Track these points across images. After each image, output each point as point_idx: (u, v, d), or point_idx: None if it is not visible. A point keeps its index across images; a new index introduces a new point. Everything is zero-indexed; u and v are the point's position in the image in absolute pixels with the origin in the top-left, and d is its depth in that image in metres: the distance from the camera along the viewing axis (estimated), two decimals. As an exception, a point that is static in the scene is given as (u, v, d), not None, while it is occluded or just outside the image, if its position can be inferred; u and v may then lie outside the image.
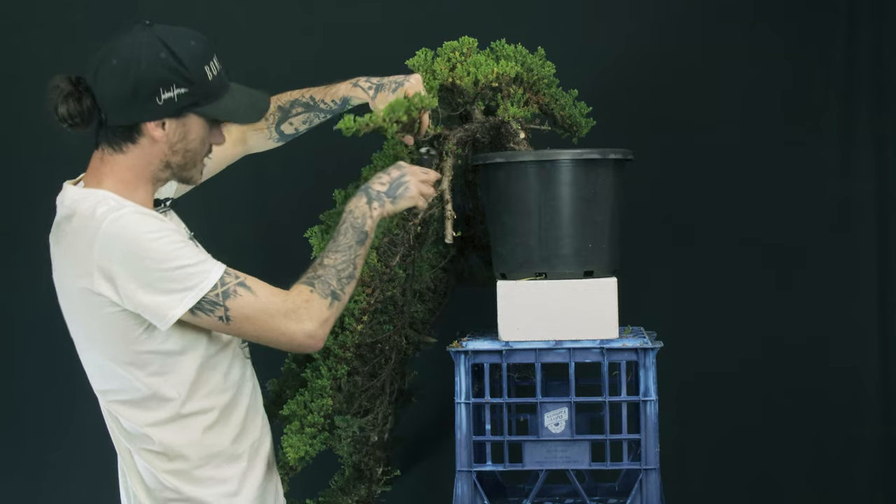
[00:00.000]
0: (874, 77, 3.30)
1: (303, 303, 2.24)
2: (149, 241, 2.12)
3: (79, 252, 2.14)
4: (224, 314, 2.18)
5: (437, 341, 2.88)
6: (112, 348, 2.19)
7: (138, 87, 2.16)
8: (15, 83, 3.50)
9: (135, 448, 2.25)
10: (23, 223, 3.49)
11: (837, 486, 3.33)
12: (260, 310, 2.20)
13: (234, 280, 2.19)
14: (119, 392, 2.22)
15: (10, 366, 3.52)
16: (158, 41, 2.17)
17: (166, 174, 2.26)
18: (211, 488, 2.26)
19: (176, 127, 2.21)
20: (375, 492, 2.90)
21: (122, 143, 2.20)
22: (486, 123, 2.73)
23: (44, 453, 3.50)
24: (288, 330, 2.22)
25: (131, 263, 2.11)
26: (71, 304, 2.21)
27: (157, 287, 2.13)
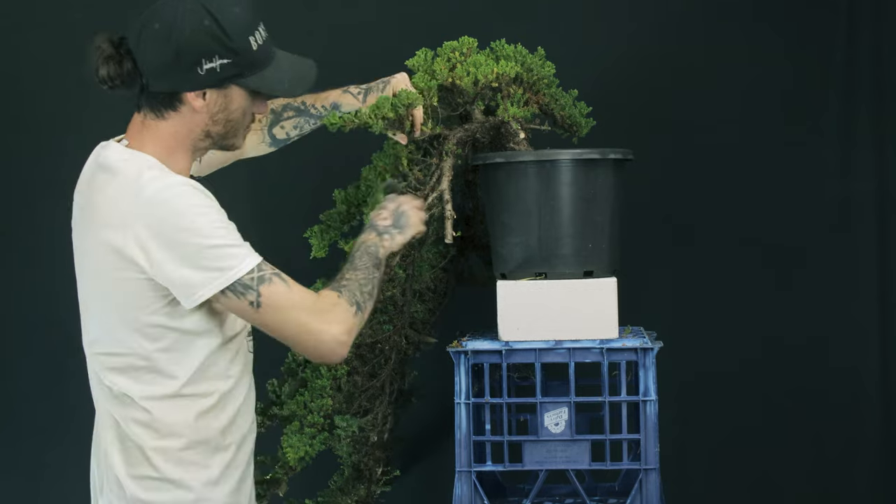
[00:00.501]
0: (874, 77, 3.30)
1: (332, 305, 2.19)
2: (193, 215, 2.09)
3: (118, 210, 2.10)
4: (256, 299, 2.12)
5: (437, 341, 2.88)
6: (125, 313, 2.14)
7: (180, 54, 2.12)
8: (15, 83, 3.50)
9: (123, 417, 2.19)
10: (22, 223, 3.50)
11: (837, 486, 3.33)
12: (292, 302, 2.15)
13: (270, 269, 2.15)
14: (120, 358, 2.17)
15: (9, 366, 3.52)
16: (202, 7, 2.13)
17: (206, 143, 2.23)
18: (193, 473, 2.20)
19: (217, 97, 2.18)
20: (375, 492, 2.90)
21: (162, 109, 2.18)
22: (485, 123, 2.73)
23: (42, 453, 3.50)
24: (315, 329, 2.16)
25: (170, 234, 2.08)
26: (92, 258, 2.16)
27: (191, 262, 2.09)
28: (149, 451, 2.18)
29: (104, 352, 2.19)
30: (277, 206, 3.35)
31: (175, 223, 2.08)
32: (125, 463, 2.19)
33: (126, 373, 2.17)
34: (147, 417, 2.17)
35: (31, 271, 3.49)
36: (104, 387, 2.20)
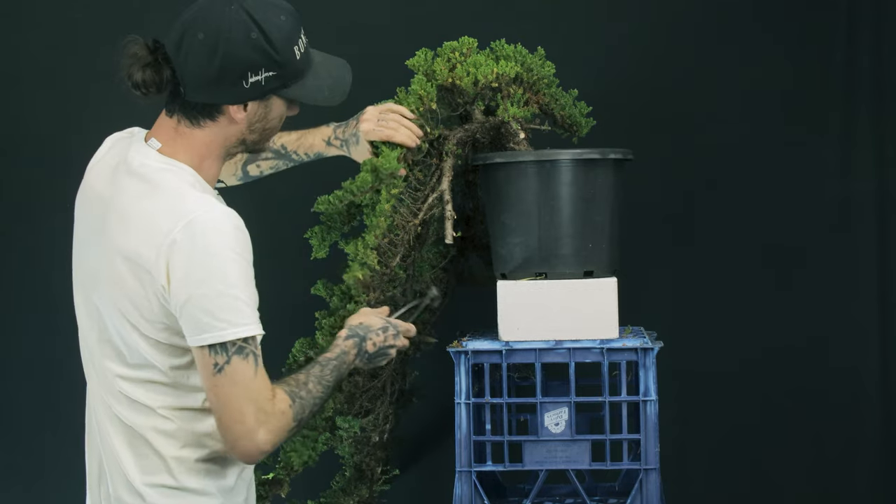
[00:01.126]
0: (874, 77, 3.30)
1: (279, 413, 2.11)
2: (225, 259, 2.02)
3: (156, 227, 2.03)
4: (223, 364, 2.05)
5: (437, 341, 2.88)
6: (148, 326, 2.08)
7: (225, 68, 2.06)
8: (15, 83, 3.50)
9: (142, 425, 2.12)
10: (21, 223, 3.49)
11: (837, 486, 3.33)
12: (246, 386, 2.06)
13: (254, 348, 2.07)
14: (142, 370, 2.11)
15: (9, 366, 3.51)
16: (249, 18, 2.07)
17: (239, 149, 2.19)
18: (211, 481, 2.16)
19: (257, 108, 2.14)
20: (376, 492, 2.90)
21: (199, 118, 2.12)
22: (485, 124, 2.73)
23: (42, 453, 3.50)
24: (249, 423, 2.06)
25: (198, 269, 2.02)
26: (116, 267, 2.08)
27: (202, 305, 2.02)
28: (170, 459, 2.13)
29: (123, 361, 2.13)
30: (278, 207, 3.35)
31: (207, 261, 2.02)
32: (141, 471, 2.13)
33: (148, 384, 2.12)
34: (171, 427, 2.13)
35: (31, 271, 3.49)
36: (119, 395, 2.13)
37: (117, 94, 3.37)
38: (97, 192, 2.16)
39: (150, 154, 2.12)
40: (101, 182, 2.16)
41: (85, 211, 2.19)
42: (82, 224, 2.19)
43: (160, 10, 3.40)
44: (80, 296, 2.21)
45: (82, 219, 2.20)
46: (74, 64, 3.47)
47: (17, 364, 3.51)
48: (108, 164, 2.17)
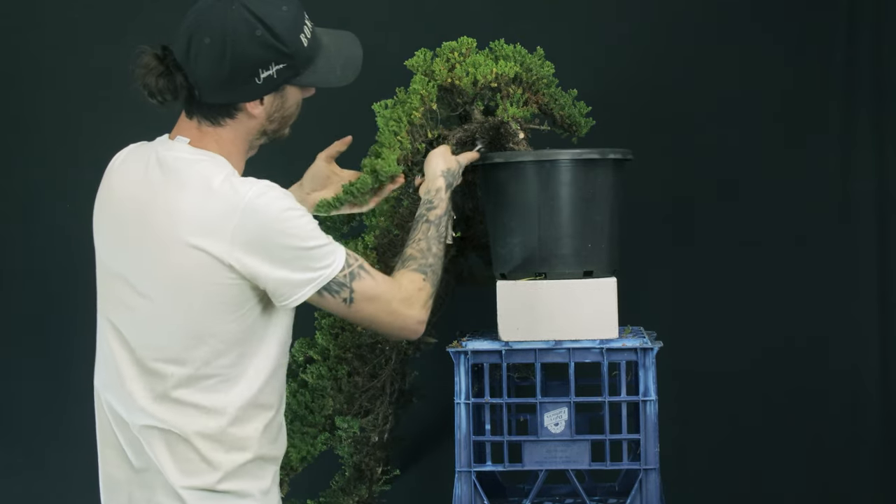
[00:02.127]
0: (874, 77, 3.30)
1: (416, 291, 2.28)
2: (290, 219, 2.08)
3: (210, 216, 2.05)
4: (349, 296, 2.16)
5: (437, 341, 2.88)
6: (204, 321, 2.09)
7: (236, 69, 2.09)
8: (15, 83, 3.50)
9: (185, 428, 2.11)
10: (22, 223, 3.49)
11: (837, 486, 3.33)
12: (379, 294, 2.20)
13: (356, 262, 2.18)
14: (191, 368, 2.10)
15: (9, 366, 3.52)
16: (252, 16, 2.09)
17: (261, 140, 2.23)
18: (251, 483, 2.16)
19: (274, 99, 2.17)
20: (375, 492, 2.90)
21: (219, 118, 2.15)
22: (485, 124, 2.73)
23: (42, 453, 3.50)
24: (401, 315, 2.24)
25: (270, 239, 2.07)
26: (170, 266, 2.08)
27: (291, 265, 2.09)
28: (214, 463, 2.13)
29: (178, 360, 2.11)
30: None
31: (274, 228, 2.07)
32: (183, 474, 2.12)
33: (196, 384, 2.12)
34: (217, 430, 2.13)
35: (32, 271, 3.50)
36: (165, 398, 2.12)
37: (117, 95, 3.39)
38: (130, 196, 2.15)
39: (183, 148, 2.14)
40: (129, 186, 2.16)
41: (115, 219, 2.17)
42: (116, 233, 2.17)
43: (160, 9, 3.42)
44: (115, 309, 2.17)
45: (114, 227, 2.17)
46: (74, 64, 3.47)
47: (18, 364, 3.51)
48: (136, 167, 2.17)
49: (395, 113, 2.65)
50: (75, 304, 3.41)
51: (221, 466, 2.13)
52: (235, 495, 2.15)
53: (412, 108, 2.65)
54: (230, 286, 2.09)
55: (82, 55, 3.47)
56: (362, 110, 2.74)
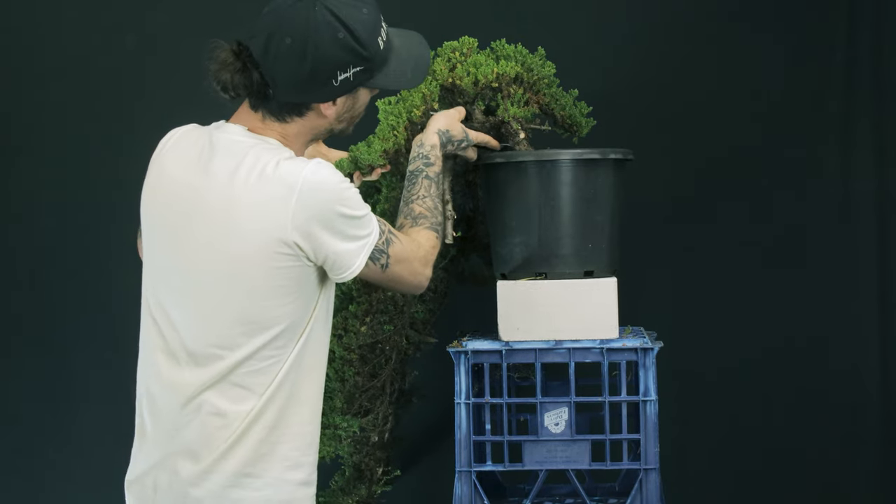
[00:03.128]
0: (874, 77, 3.30)
1: (431, 248, 2.32)
2: (343, 191, 2.11)
3: (267, 198, 2.07)
4: (386, 261, 2.19)
5: (437, 341, 2.88)
6: (272, 300, 2.10)
7: (316, 70, 2.10)
8: (14, 83, 3.50)
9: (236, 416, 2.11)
10: (24, 222, 3.49)
11: (837, 486, 3.33)
12: (406, 256, 2.24)
13: (386, 228, 2.21)
14: (255, 350, 2.10)
15: (9, 366, 3.51)
16: (334, 18, 2.09)
17: (325, 137, 2.25)
18: (293, 473, 2.19)
19: (346, 101, 2.19)
20: (375, 492, 2.90)
21: (286, 115, 2.16)
22: (486, 123, 2.73)
23: (43, 454, 3.50)
24: (419, 274, 2.28)
25: (331, 213, 2.09)
26: (231, 248, 2.09)
27: (347, 234, 2.12)
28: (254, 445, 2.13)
29: (223, 345, 2.11)
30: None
31: (333, 200, 2.10)
32: (242, 462, 2.13)
33: (246, 366, 2.11)
34: (260, 412, 2.13)
35: (33, 271, 3.49)
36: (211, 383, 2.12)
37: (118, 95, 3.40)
38: (183, 182, 2.14)
39: (240, 132, 2.15)
40: (182, 170, 2.15)
41: (168, 204, 2.16)
42: (169, 219, 2.16)
43: (160, 9, 3.42)
44: (167, 294, 2.16)
45: (166, 213, 2.16)
46: (74, 63, 3.47)
47: (17, 364, 3.50)
48: (188, 152, 2.16)
49: (396, 109, 2.64)
50: (75, 303, 3.42)
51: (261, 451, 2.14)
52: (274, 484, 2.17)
53: (413, 105, 2.64)
54: (290, 268, 2.10)
55: (82, 55, 3.46)
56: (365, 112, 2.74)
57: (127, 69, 3.43)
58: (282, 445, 2.17)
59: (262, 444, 2.14)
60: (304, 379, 2.18)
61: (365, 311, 2.68)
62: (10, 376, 3.50)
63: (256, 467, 2.14)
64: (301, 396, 2.18)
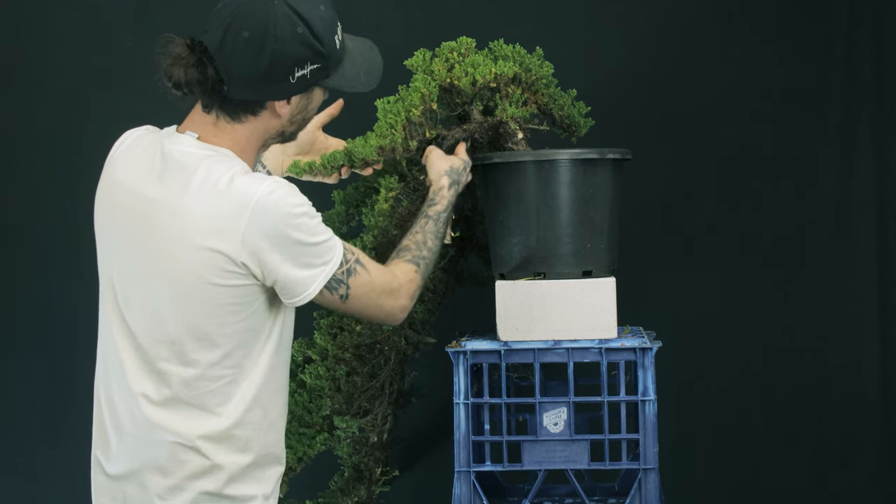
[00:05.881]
0: (874, 77, 3.30)
1: (407, 282, 2.27)
2: (298, 216, 2.05)
3: (218, 216, 2.02)
4: (345, 292, 2.14)
5: (436, 341, 2.88)
6: (211, 320, 2.06)
7: (273, 65, 2.05)
8: (14, 83, 3.50)
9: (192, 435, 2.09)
10: (23, 223, 3.50)
11: (837, 486, 3.33)
12: (371, 288, 2.19)
13: (353, 257, 2.16)
14: (196, 369, 2.08)
15: (9, 366, 3.52)
16: (293, 12, 2.05)
17: (277, 140, 2.20)
18: (257, 486, 2.15)
19: (300, 100, 2.14)
20: (375, 492, 2.90)
21: (241, 114, 2.10)
22: (484, 124, 2.73)
23: (41, 454, 3.50)
24: (387, 306, 2.23)
25: (283, 237, 2.04)
26: (179, 266, 2.05)
27: (301, 261, 2.07)
28: (220, 465, 2.11)
29: (186, 362, 2.09)
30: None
31: (286, 224, 2.04)
32: (186, 478, 2.11)
33: (211, 383, 2.10)
34: (222, 431, 2.10)
35: (32, 271, 3.50)
36: (171, 401, 2.10)
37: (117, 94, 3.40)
38: (134, 189, 2.10)
39: (191, 143, 2.09)
40: (137, 179, 2.10)
41: (119, 209, 2.12)
42: (121, 224, 2.12)
43: (160, 9, 3.42)
44: (123, 300, 2.13)
45: (118, 218, 2.12)
46: (73, 63, 3.47)
47: (17, 364, 3.51)
48: (140, 159, 2.12)
49: (394, 108, 2.64)
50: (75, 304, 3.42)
51: (226, 469, 2.11)
52: (237, 500, 2.13)
53: (411, 104, 2.64)
54: (240, 286, 2.06)
55: (82, 55, 3.47)
56: (361, 110, 2.74)
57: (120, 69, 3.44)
58: (248, 464, 2.14)
59: (231, 465, 2.12)
60: (266, 398, 2.15)
61: None
62: (10, 376, 3.51)
63: (227, 487, 2.12)
64: (263, 415, 2.15)
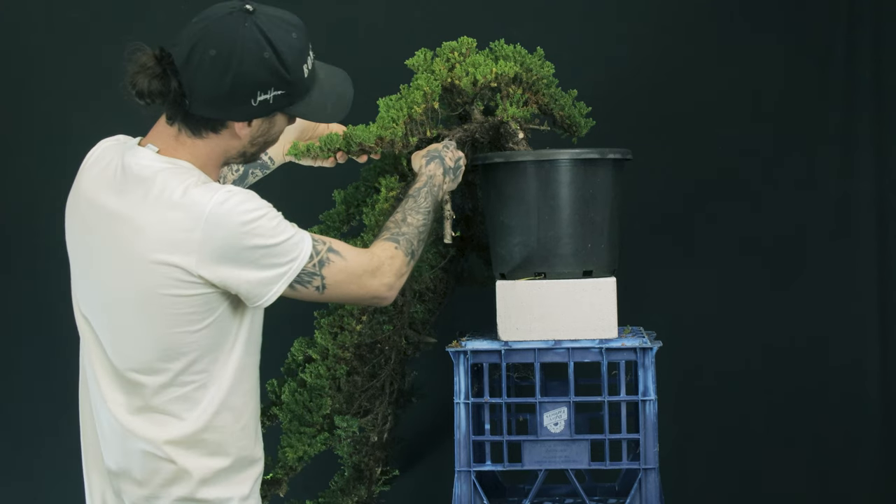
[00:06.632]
0: (874, 78, 3.30)
1: (388, 259, 2.26)
2: (253, 221, 2.05)
3: (173, 228, 2.03)
4: (321, 283, 2.14)
5: (436, 341, 2.88)
6: (172, 330, 2.08)
7: (236, 87, 2.05)
8: (14, 83, 3.50)
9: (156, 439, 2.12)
10: (22, 224, 3.49)
11: (837, 486, 3.33)
12: (350, 273, 2.19)
13: (324, 247, 2.15)
14: (161, 377, 2.10)
15: (8, 366, 3.52)
16: (262, 37, 2.05)
17: (238, 160, 2.20)
18: (231, 488, 2.17)
19: (261, 123, 2.14)
20: (375, 492, 2.90)
21: (202, 130, 2.10)
22: (485, 123, 2.73)
23: (41, 454, 3.50)
24: (370, 286, 2.23)
25: (238, 245, 2.04)
26: (136, 277, 2.06)
27: (261, 264, 2.07)
28: (190, 470, 2.12)
29: (151, 370, 2.10)
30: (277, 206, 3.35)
31: (241, 232, 2.04)
32: (160, 485, 2.13)
33: (178, 389, 2.11)
34: (191, 436, 2.12)
35: (31, 271, 3.50)
36: (145, 410, 2.12)
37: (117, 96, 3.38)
38: (97, 202, 2.13)
39: (150, 156, 2.10)
40: (99, 192, 2.13)
41: (83, 222, 2.15)
42: (84, 237, 2.15)
43: (160, 9, 3.42)
44: (85, 311, 2.17)
45: (82, 231, 2.16)
46: (74, 64, 3.47)
47: (17, 364, 3.51)
48: (104, 172, 2.14)
49: (397, 104, 2.64)
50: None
51: (195, 473, 2.13)
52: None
53: (413, 101, 2.64)
54: (199, 296, 2.07)
55: (82, 55, 3.47)
56: (362, 110, 2.74)
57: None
58: (221, 468, 2.15)
59: (202, 469, 2.13)
60: (236, 401, 2.16)
61: (361, 309, 2.68)
62: (10, 376, 3.51)
63: (199, 491, 2.14)
64: (234, 418, 2.16)
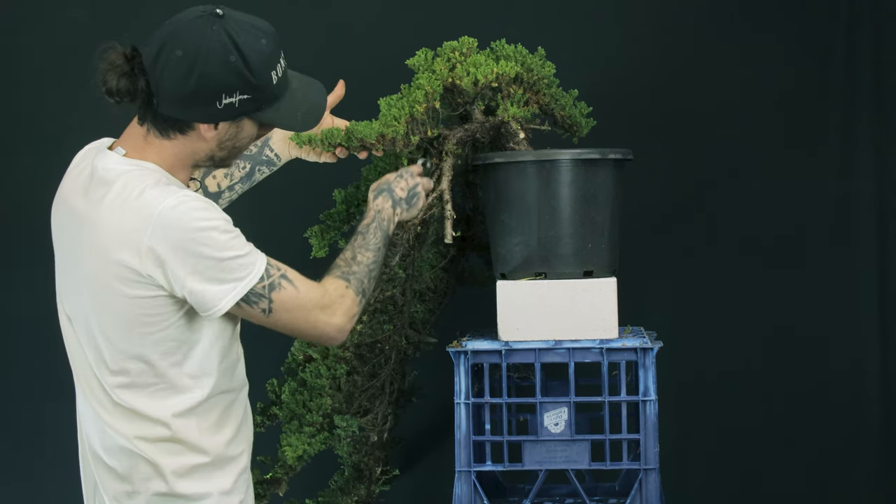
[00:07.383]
0: (874, 78, 3.30)
1: (339, 297, 2.23)
2: (204, 230, 2.05)
3: (129, 228, 2.05)
4: (268, 306, 2.13)
5: (437, 341, 2.88)
6: (138, 330, 2.10)
7: (200, 88, 2.06)
8: (14, 83, 3.50)
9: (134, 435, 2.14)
10: (21, 223, 3.49)
11: (837, 487, 3.33)
12: (300, 303, 2.16)
13: (278, 272, 2.15)
14: (132, 377, 2.12)
15: (8, 366, 3.52)
16: (230, 41, 2.06)
17: (208, 164, 2.20)
18: (209, 483, 2.17)
19: (229, 128, 2.14)
20: (374, 491, 2.90)
21: (170, 131, 2.12)
22: (485, 123, 2.73)
23: (41, 454, 3.50)
24: (320, 323, 2.19)
25: (186, 251, 2.04)
26: (99, 277, 2.08)
27: (208, 276, 2.07)
28: (166, 468, 2.14)
29: (115, 370, 2.13)
30: (277, 206, 3.35)
31: (190, 239, 2.05)
32: (136, 481, 2.15)
33: (141, 391, 2.13)
34: (167, 434, 2.14)
35: (30, 271, 3.49)
36: (115, 406, 2.14)
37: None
38: (70, 205, 2.15)
39: (116, 159, 2.13)
40: (72, 195, 2.16)
41: (60, 225, 2.19)
42: (60, 239, 2.19)
43: (160, 10, 3.41)
44: (66, 309, 2.20)
45: (59, 234, 2.19)
46: (73, 64, 3.47)
47: (17, 364, 3.51)
48: (79, 176, 2.17)
49: (399, 103, 2.64)
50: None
51: (168, 467, 2.14)
52: (190, 499, 2.16)
53: (415, 101, 2.64)
54: (152, 298, 2.08)
55: (81, 55, 3.46)
56: (362, 110, 2.74)
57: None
58: (199, 464, 2.16)
59: (175, 465, 2.14)
60: (204, 407, 2.17)
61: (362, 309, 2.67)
62: (9, 375, 3.51)
63: (176, 486, 2.15)
64: (198, 423, 2.17)
